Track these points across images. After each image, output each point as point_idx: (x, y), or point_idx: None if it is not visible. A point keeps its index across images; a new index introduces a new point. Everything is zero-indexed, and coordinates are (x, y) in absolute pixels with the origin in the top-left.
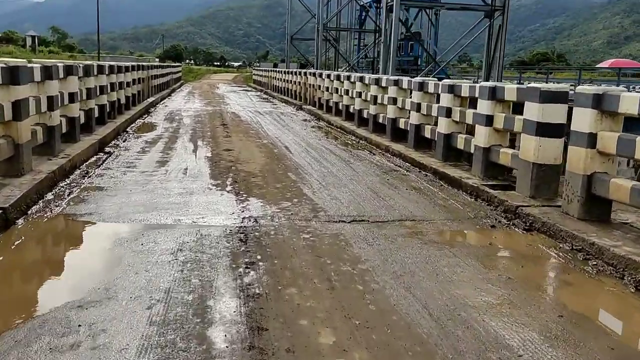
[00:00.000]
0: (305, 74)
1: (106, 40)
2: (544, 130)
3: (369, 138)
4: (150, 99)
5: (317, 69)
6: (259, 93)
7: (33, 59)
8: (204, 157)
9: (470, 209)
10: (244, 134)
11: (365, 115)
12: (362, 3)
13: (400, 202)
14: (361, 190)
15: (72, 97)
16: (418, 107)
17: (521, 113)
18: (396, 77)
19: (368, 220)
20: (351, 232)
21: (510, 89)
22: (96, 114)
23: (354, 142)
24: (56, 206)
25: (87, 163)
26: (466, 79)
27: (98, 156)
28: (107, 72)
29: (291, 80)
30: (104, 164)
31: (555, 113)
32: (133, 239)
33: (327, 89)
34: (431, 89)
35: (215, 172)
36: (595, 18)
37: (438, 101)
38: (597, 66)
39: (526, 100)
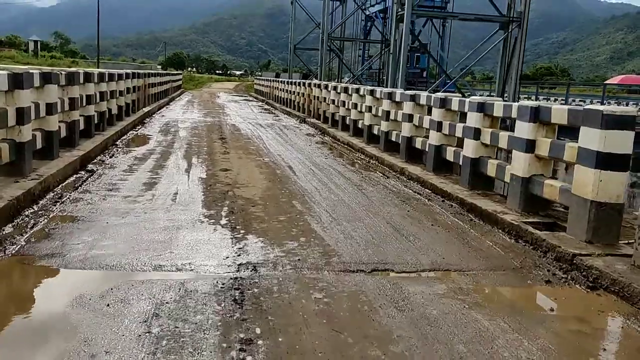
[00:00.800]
0: (309, 85)
1: (109, 46)
2: (606, 161)
3: (380, 157)
4: (147, 109)
5: (320, 79)
6: (261, 103)
7: (9, 67)
8: (197, 179)
9: (513, 255)
10: (243, 151)
11: (375, 132)
12: (367, 13)
13: (427, 243)
14: (379, 226)
15: (50, 109)
16: (439, 126)
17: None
18: (412, 92)
19: (393, 270)
20: (374, 289)
21: (558, 111)
22: (82, 126)
23: (364, 161)
24: (12, 244)
25: (63, 184)
26: (473, 94)
27: (78, 175)
28: (95, 80)
29: (294, 92)
30: (82, 186)
31: (620, 141)
32: (98, 295)
33: (333, 101)
34: (455, 106)
35: (209, 198)
36: (599, 33)
37: (462, 120)
38: (606, 82)
39: (582, 124)
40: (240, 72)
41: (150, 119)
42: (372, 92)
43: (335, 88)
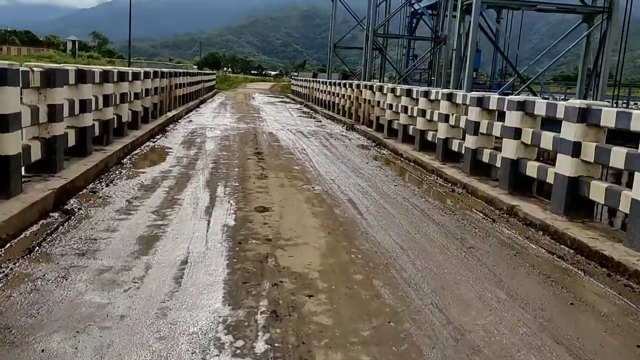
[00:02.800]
0: (358, 86)
1: (147, 47)
2: None
3: (469, 186)
4: (172, 112)
5: (364, 79)
6: (299, 106)
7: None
8: (221, 229)
9: None
10: (285, 172)
11: (453, 147)
12: (415, 9)
13: None
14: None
15: (4, 123)
16: (577, 150)
17: None
18: (522, 98)
19: None
20: None
21: None
22: (71, 142)
23: (447, 190)
24: None
25: (15, 240)
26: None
27: (46, 221)
28: (97, 80)
29: (338, 93)
30: (43, 245)
31: None
32: None
33: (391, 106)
34: (605, 121)
35: (236, 276)
36: None
37: (613, 141)
38: None
39: None
40: (275, 73)
41: (175, 126)
42: (449, 97)
43: (393, 90)
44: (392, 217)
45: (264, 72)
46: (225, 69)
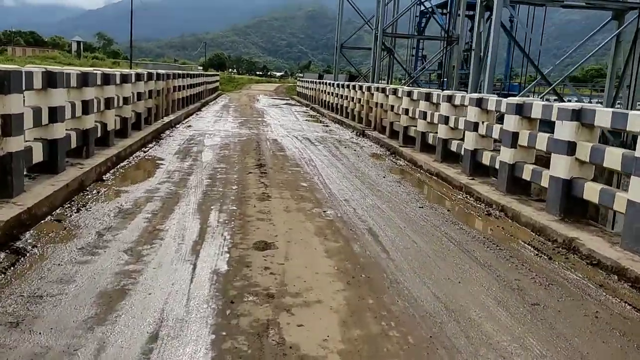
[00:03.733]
0: (369, 89)
1: (153, 48)
2: None
3: (508, 208)
4: (169, 117)
5: (373, 81)
6: (305, 109)
7: None
8: (209, 281)
9: None
10: (291, 191)
11: (483, 161)
12: (424, 8)
13: None
14: None
15: None
16: None
17: None
18: (577, 105)
19: None
20: None
21: None
22: (37, 157)
23: (482, 214)
24: None
25: None
26: (580, 101)
27: None
28: (74, 84)
29: (347, 96)
30: None
31: None
32: None
33: (406, 111)
34: None
35: None
36: None
37: None
38: None
39: None
40: (280, 74)
41: (172, 132)
42: (479, 103)
43: (409, 94)
44: (425, 256)
45: (269, 73)
46: (230, 69)
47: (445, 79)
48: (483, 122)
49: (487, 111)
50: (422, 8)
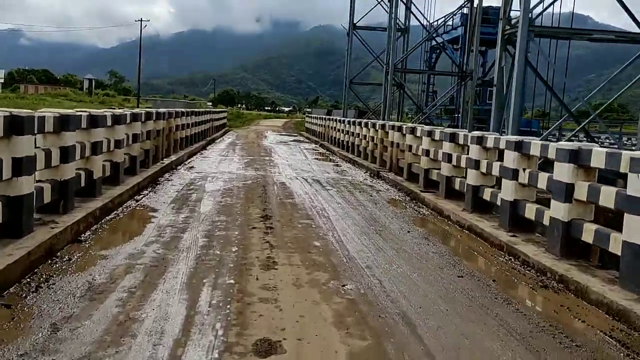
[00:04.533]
0: (383, 127)
1: (164, 84)
2: None
3: (569, 279)
4: (170, 159)
5: (384, 117)
6: (314, 146)
7: None
8: None
9: None
10: (302, 254)
11: (527, 214)
12: (435, 43)
13: None
14: None
15: None
16: None
17: None
18: None
19: None
20: None
21: None
22: None
23: (536, 285)
24: None
25: None
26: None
27: None
28: (49, 129)
29: (359, 134)
30: None
31: None
32: None
33: (427, 152)
34: None
35: None
36: None
37: None
38: None
39: None
40: (289, 109)
41: (171, 175)
42: (519, 147)
43: (430, 134)
44: None
45: (277, 109)
46: (239, 105)
47: (458, 115)
48: (524, 170)
49: (529, 156)
50: (434, 43)
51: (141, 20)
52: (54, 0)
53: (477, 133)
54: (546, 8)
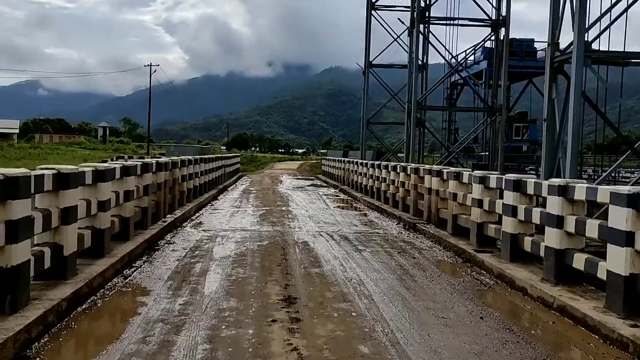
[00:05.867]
0: (416, 171)
1: (178, 130)
2: None
3: None
4: (174, 215)
5: (408, 159)
6: (334, 191)
7: None
8: None
9: None
10: None
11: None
12: (454, 80)
13: None
14: None
15: None
16: None
17: None
18: None
19: None
20: None
21: None
22: None
23: None
24: None
25: None
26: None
27: None
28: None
29: (384, 178)
30: None
31: None
32: None
33: (480, 203)
34: None
35: None
36: None
37: None
38: None
39: None
40: (302, 150)
41: (174, 236)
42: (633, 201)
43: (482, 181)
44: None
45: (291, 151)
46: (253, 148)
47: (486, 153)
48: (638, 231)
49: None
50: (457, 78)
51: (150, 65)
52: (71, 51)
53: (557, 181)
54: (604, 30)
